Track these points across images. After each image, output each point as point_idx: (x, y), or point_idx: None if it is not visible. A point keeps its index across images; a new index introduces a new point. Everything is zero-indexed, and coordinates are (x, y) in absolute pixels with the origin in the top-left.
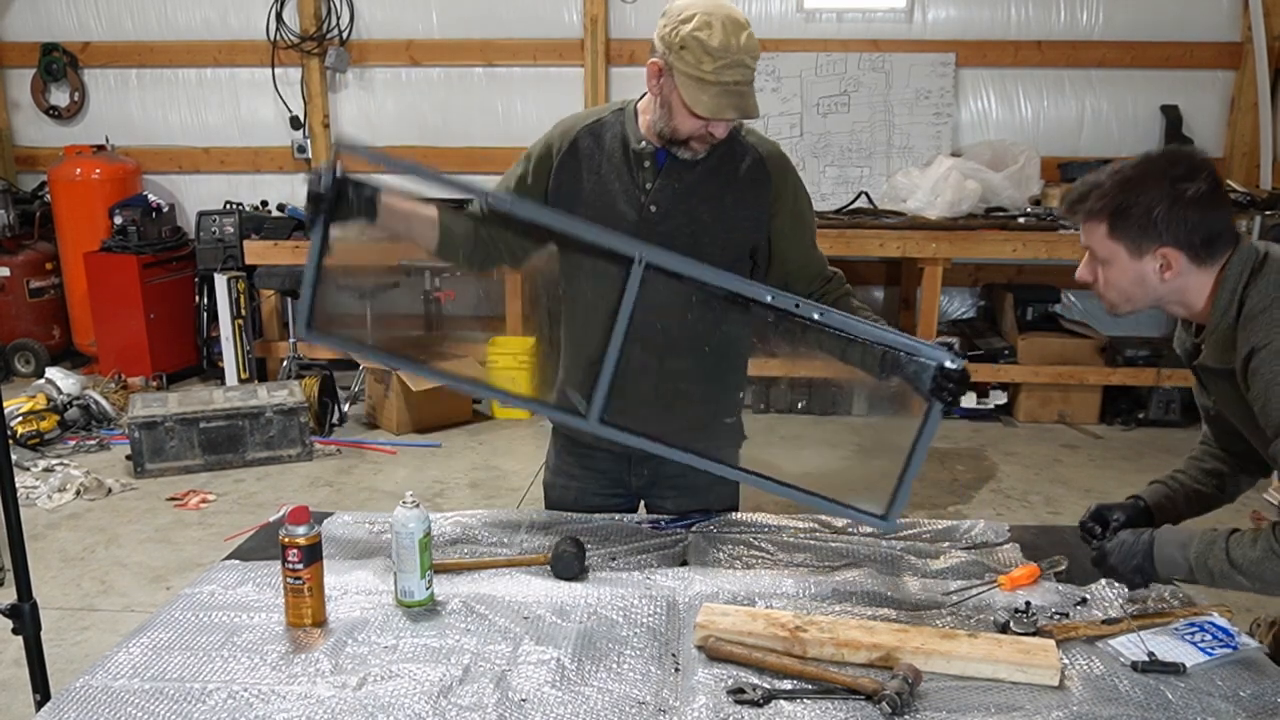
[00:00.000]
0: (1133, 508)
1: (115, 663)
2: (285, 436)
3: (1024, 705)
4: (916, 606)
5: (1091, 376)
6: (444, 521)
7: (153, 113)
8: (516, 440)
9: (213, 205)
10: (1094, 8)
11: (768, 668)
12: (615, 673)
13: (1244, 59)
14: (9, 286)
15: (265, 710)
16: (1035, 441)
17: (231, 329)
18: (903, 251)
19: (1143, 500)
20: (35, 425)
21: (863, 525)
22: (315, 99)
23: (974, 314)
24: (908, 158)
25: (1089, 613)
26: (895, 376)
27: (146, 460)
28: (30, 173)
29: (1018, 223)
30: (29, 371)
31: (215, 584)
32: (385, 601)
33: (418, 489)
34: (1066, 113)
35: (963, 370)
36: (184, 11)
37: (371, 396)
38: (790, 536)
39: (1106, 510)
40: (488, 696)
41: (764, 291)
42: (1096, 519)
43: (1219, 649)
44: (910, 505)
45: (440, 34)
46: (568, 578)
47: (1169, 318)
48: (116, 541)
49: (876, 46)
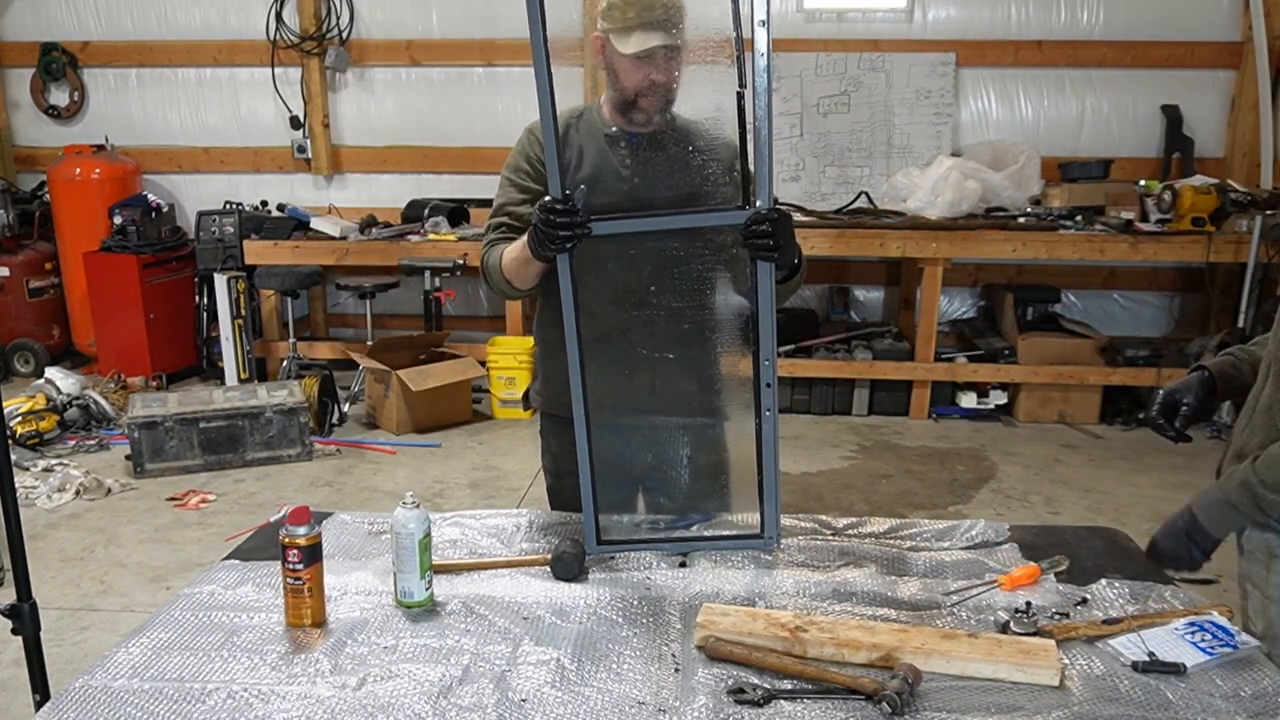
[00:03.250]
0: (1198, 381)
1: (115, 663)
2: (285, 436)
3: (1024, 705)
4: (916, 606)
5: (1091, 376)
6: (444, 522)
7: (152, 112)
8: (516, 440)
9: (213, 205)
10: (1094, 7)
11: (768, 668)
12: (615, 673)
13: (1244, 58)
14: (9, 286)
15: (265, 710)
16: (1035, 441)
17: (231, 329)
18: (903, 251)
19: (1208, 370)
20: (35, 425)
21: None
22: (315, 99)
23: (974, 314)
24: (908, 158)
25: (1089, 613)
26: (727, 254)
27: (146, 460)
28: (30, 172)
29: (1018, 223)
30: (28, 371)
31: (215, 584)
32: (385, 602)
33: (418, 489)
34: (1067, 113)
35: (767, 211)
36: (184, 11)
37: (371, 396)
38: (790, 536)
39: (1175, 395)
40: (487, 697)
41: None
42: (1166, 411)
43: (1219, 648)
44: (910, 505)
45: (440, 34)
46: (567, 578)
47: (1169, 318)
48: (116, 542)
49: (876, 46)
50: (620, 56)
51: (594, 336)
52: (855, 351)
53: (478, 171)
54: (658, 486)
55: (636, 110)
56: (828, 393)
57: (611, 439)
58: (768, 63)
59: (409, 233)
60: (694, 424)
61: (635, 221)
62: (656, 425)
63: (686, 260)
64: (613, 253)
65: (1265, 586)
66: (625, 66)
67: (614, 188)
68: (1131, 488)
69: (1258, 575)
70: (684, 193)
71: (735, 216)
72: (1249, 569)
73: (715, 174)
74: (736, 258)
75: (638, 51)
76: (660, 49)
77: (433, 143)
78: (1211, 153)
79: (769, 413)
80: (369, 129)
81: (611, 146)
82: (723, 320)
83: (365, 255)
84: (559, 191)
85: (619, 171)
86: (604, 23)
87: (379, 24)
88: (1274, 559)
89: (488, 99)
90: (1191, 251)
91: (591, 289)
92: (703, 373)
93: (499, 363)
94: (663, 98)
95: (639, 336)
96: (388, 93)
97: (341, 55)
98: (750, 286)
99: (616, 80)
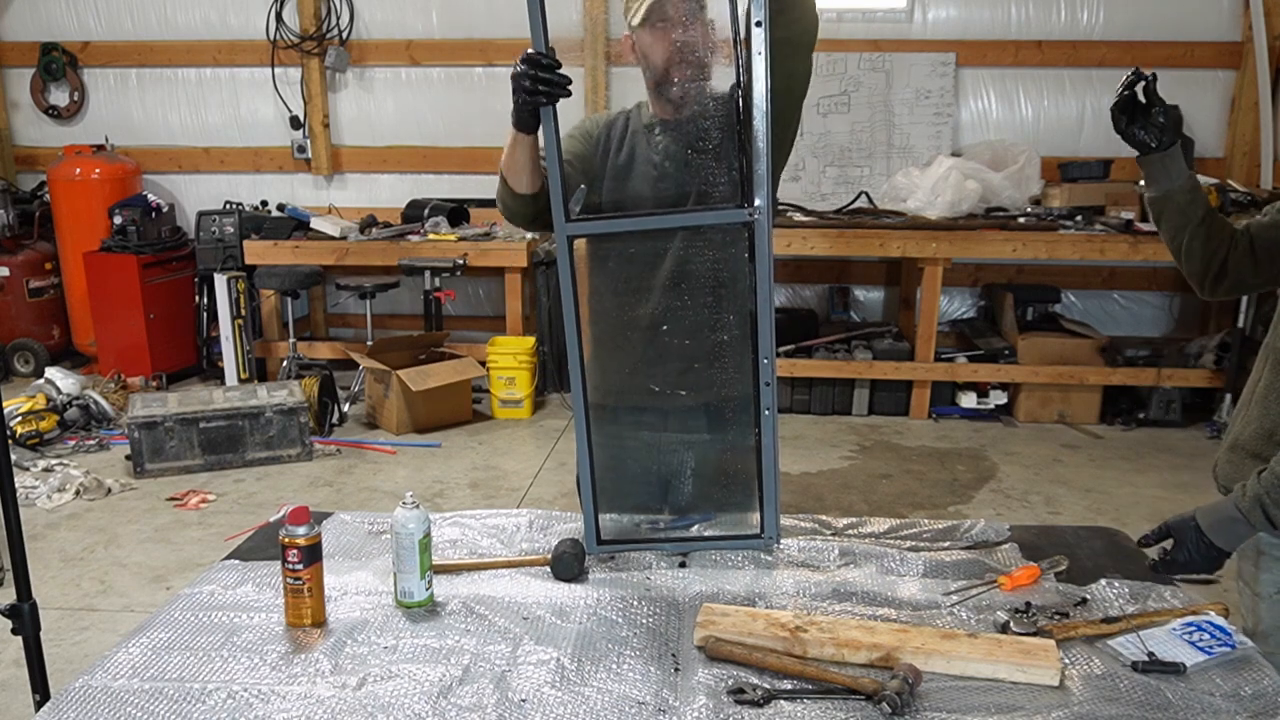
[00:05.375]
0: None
1: (115, 663)
2: (285, 436)
3: (1024, 705)
4: (916, 606)
5: (1091, 376)
6: (444, 522)
7: (153, 113)
8: (516, 440)
9: (213, 205)
10: (1094, 8)
11: (768, 668)
12: (615, 673)
13: (1244, 59)
14: (9, 286)
15: (265, 710)
16: (1035, 441)
17: (231, 329)
18: (903, 251)
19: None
20: (35, 425)
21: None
22: (315, 99)
23: (974, 314)
24: (908, 158)
25: (1089, 613)
26: (736, 252)
27: (146, 460)
28: (30, 172)
29: (1018, 223)
30: (28, 371)
31: (215, 584)
32: (385, 602)
33: (418, 489)
34: (1066, 112)
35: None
36: (184, 11)
37: (371, 396)
38: (790, 536)
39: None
40: (487, 697)
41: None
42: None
43: (1218, 648)
44: (910, 505)
45: (440, 34)
46: (567, 579)
47: (1169, 318)
48: (116, 541)
49: (876, 46)
50: (640, 35)
51: (633, 324)
52: (855, 351)
53: (478, 171)
54: (686, 482)
55: (670, 85)
56: (828, 393)
57: (646, 430)
58: (766, 62)
59: (409, 233)
60: (728, 420)
61: (636, 220)
62: (690, 423)
63: (701, 253)
64: (643, 242)
65: (1254, 584)
66: (646, 42)
67: (645, 174)
68: (1131, 488)
69: (1247, 572)
70: (700, 189)
71: (734, 215)
72: (1240, 565)
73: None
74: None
75: (646, 14)
76: (666, 5)
77: (433, 143)
78: (1211, 153)
79: (768, 412)
80: (369, 129)
81: (648, 136)
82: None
83: (365, 255)
84: (542, 46)
85: (651, 159)
86: (628, 19)
87: (379, 24)
88: (1262, 556)
89: (488, 99)
90: None
91: (624, 276)
92: (736, 366)
93: (499, 363)
94: (691, 68)
95: (675, 326)
96: (387, 93)
97: (341, 55)
98: (749, 285)
99: (646, 63)
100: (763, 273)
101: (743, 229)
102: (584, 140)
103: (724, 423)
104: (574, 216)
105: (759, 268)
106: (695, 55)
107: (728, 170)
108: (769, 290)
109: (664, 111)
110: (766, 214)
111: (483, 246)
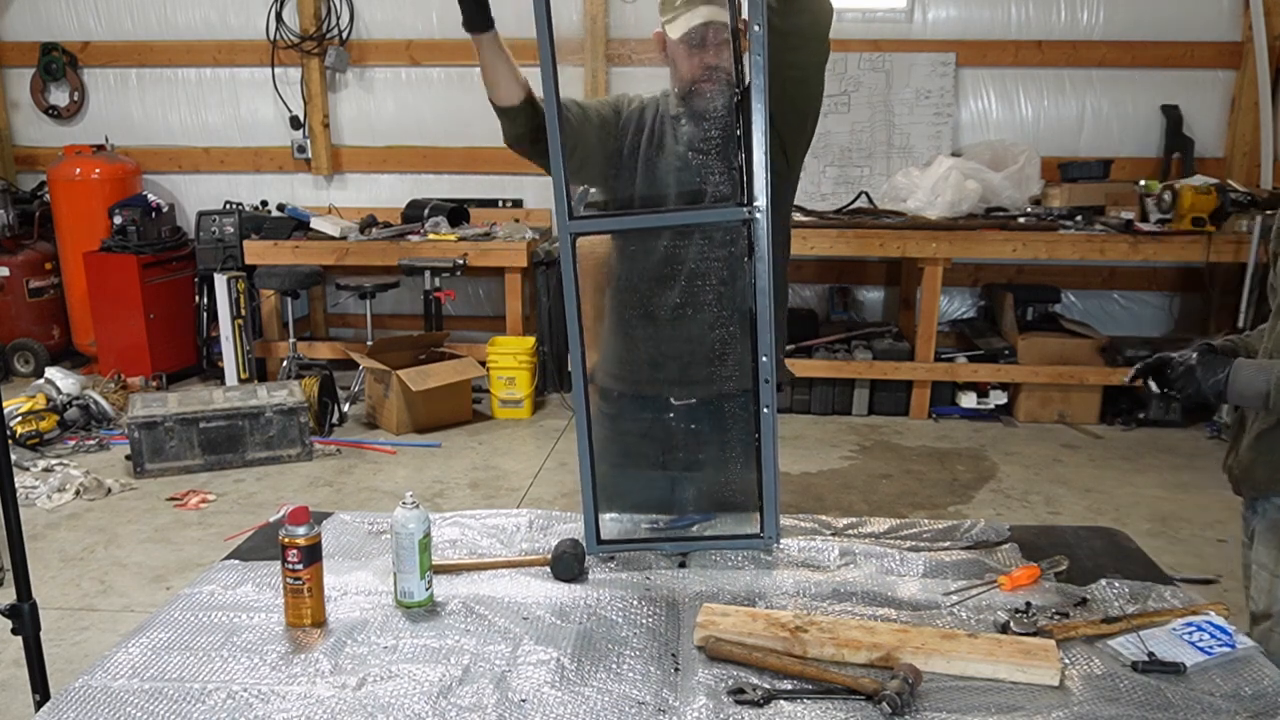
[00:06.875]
0: (1197, 349)
1: (115, 663)
2: (285, 436)
3: (1024, 705)
4: (916, 606)
5: (1091, 376)
6: (444, 522)
7: (152, 112)
8: (516, 440)
9: (213, 205)
10: (1094, 8)
11: (768, 668)
12: (615, 673)
13: (1244, 58)
14: (9, 286)
15: (265, 710)
16: (1035, 441)
17: (231, 329)
18: (903, 251)
19: (1210, 344)
20: (34, 425)
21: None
22: (315, 99)
23: (974, 314)
24: (908, 158)
25: (1089, 613)
26: (735, 250)
27: (146, 460)
28: (30, 172)
29: (1018, 223)
30: (28, 371)
31: (215, 584)
32: (385, 602)
33: (418, 489)
34: (1067, 113)
35: (751, 207)
36: (184, 11)
37: (371, 396)
38: (790, 536)
39: (1169, 356)
40: (487, 697)
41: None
42: (1155, 367)
43: (1217, 648)
44: (910, 505)
45: (440, 34)
46: (567, 579)
47: (1169, 318)
48: (116, 542)
49: (876, 46)
50: (675, 44)
51: (644, 314)
52: (855, 351)
53: (478, 171)
54: (699, 475)
55: (697, 97)
56: (828, 393)
57: (651, 420)
58: (764, 62)
59: (409, 233)
60: (730, 419)
61: (637, 219)
62: (695, 419)
63: (714, 250)
64: (657, 236)
65: (1275, 566)
66: (680, 54)
67: (670, 165)
68: (1131, 488)
69: (1264, 556)
70: (710, 184)
71: (734, 213)
72: (1258, 551)
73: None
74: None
75: (686, 33)
76: (707, 27)
77: (433, 143)
78: (1211, 153)
79: (768, 410)
80: (369, 129)
81: (674, 125)
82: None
83: (365, 255)
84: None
85: (676, 150)
86: (660, 18)
87: (379, 24)
88: None
89: (488, 99)
90: (1191, 251)
91: (645, 266)
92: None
93: (499, 363)
94: (721, 81)
95: (691, 319)
96: (388, 93)
97: (341, 55)
98: (749, 282)
99: (675, 70)
100: (762, 270)
101: (742, 227)
102: (612, 109)
103: (727, 421)
104: (577, 214)
105: (759, 265)
106: (723, 76)
107: (728, 169)
108: (769, 288)
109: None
110: (766, 212)
111: (483, 246)
